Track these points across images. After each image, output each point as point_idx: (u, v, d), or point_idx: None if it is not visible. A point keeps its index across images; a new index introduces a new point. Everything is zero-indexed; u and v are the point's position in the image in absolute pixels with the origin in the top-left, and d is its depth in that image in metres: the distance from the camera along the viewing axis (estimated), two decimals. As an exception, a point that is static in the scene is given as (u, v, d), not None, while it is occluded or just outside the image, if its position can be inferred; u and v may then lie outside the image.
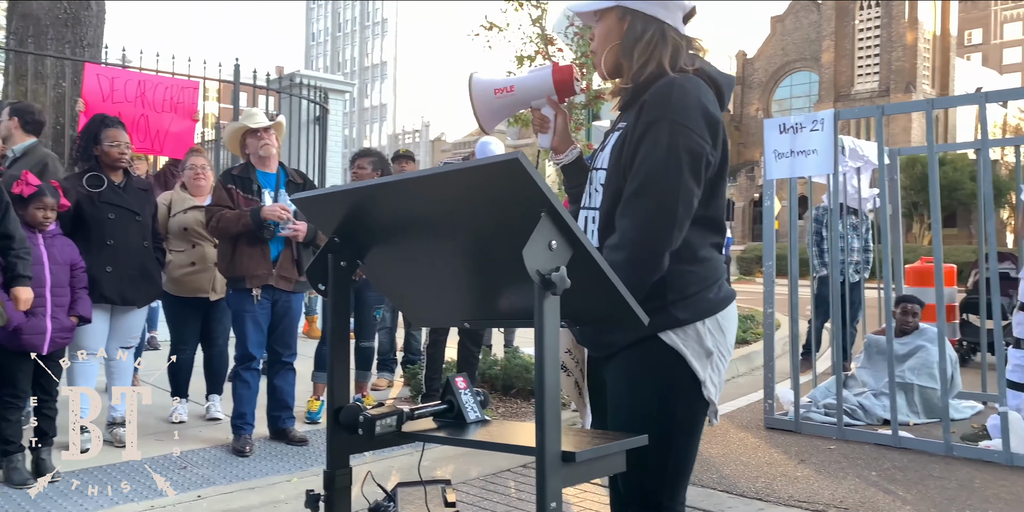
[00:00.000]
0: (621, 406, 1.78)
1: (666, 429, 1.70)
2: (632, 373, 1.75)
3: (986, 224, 4.77)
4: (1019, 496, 3.73)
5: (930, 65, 56.86)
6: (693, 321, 1.71)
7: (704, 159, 1.67)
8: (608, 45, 1.83)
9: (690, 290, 1.72)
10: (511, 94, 1.97)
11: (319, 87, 9.47)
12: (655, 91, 1.70)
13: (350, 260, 1.70)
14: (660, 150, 1.65)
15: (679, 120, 1.65)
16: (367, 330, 5.28)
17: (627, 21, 1.80)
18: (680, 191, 1.64)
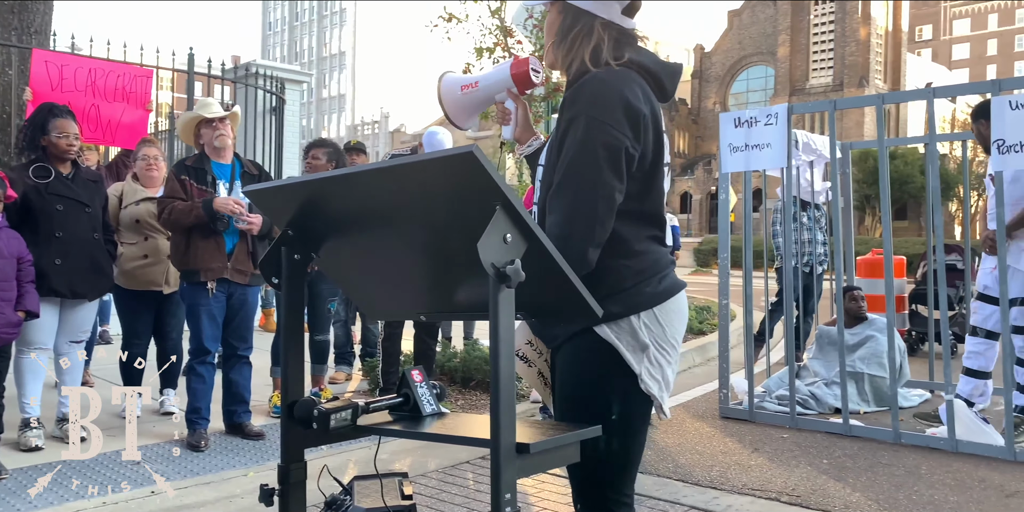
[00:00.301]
0: (563, 398, 1.79)
1: (604, 422, 1.67)
2: (571, 366, 1.77)
3: (933, 217, 4.88)
4: (962, 481, 3.84)
5: (882, 60, 57.99)
6: (627, 315, 1.70)
7: (623, 153, 1.65)
8: (550, 39, 1.84)
9: (625, 284, 1.71)
10: (476, 89, 2.00)
11: (276, 77, 9.35)
12: (575, 88, 1.72)
13: (304, 253, 1.69)
14: (577, 146, 1.65)
15: (595, 115, 1.64)
16: (321, 323, 5.24)
17: (563, 14, 1.80)
18: (598, 187, 1.64)
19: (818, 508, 3.46)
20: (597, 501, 1.80)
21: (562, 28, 1.80)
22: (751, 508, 3.47)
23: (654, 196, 1.75)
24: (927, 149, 4.72)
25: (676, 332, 1.77)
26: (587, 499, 1.81)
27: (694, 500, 3.56)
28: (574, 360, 1.76)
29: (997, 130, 4.19)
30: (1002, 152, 4.17)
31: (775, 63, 60.91)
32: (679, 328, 1.79)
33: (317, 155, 4.99)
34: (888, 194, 4.80)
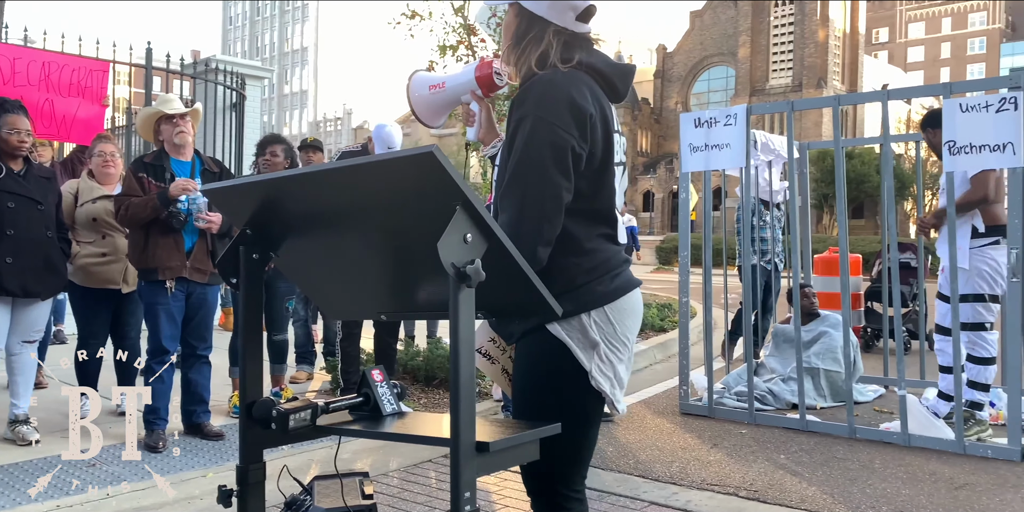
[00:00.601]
0: (517, 393, 1.83)
1: (556, 417, 1.68)
2: (525, 362, 1.80)
3: (887, 216, 4.99)
4: (914, 475, 3.94)
5: (840, 62, 58.97)
6: (578, 313, 1.73)
7: (569, 152, 1.68)
8: (506, 42, 1.87)
9: (576, 282, 1.74)
10: (443, 90, 2.03)
11: (236, 73, 9.23)
12: (522, 90, 1.75)
13: (263, 252, 1.68)
14: (524, 146, 1.68)
15: (541, 115, 1.67)
16: (279, 322, 5.18)
17: (518, 19, 1.83)
18: (545, 185, 1.66)
19: (775, 502, 3.53)
20: (549, 496, 1.83)
21: (517, 32, 1.83)
22: (710, 503, 3.52)
23: (604, 195, 1.78)
24: (882, 149, 4.82)
25: (628, 330, 1.80)
26: (539, 494, 1.84)
27: (654, 496, 3.60)
28: (527, 357, 1.80)
29: (948, 132, 4.29)
30: (953, 153, 4.28)
31: (736, 64, 61.60)
32: (631, 326, 1.81)
33: (276, 152, 4.93)
34: (844, 193, 4.90)
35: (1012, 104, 4.10)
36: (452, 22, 7.01)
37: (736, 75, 61.63)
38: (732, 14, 62.31)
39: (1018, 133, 4.08)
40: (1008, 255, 4.20)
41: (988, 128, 4.16)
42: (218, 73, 9.01)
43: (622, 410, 1.82)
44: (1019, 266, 4.14)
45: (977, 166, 4.37)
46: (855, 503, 3.51)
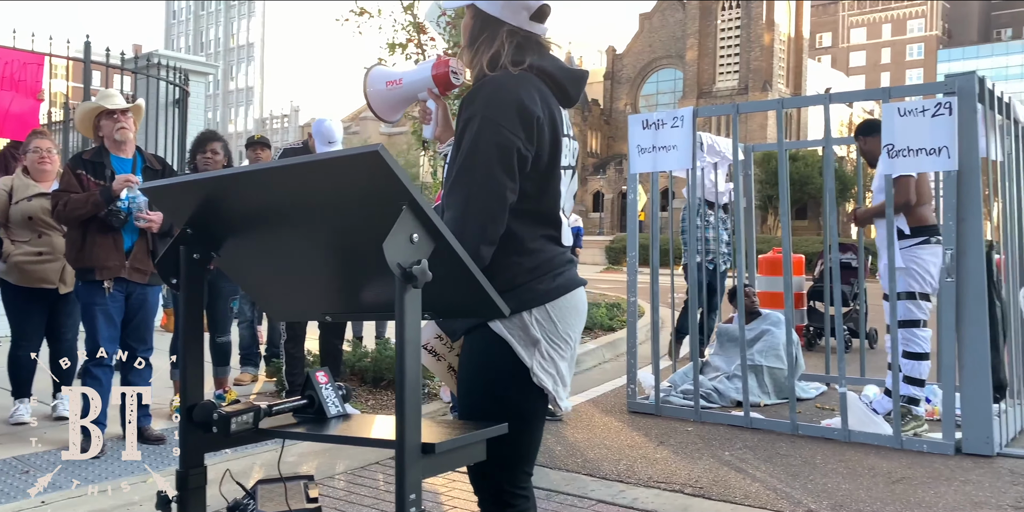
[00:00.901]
0: (462, 391, 1.85)
1: (500, 414, 1.73)
2: (468, 360, 1.83)
3: (829, 217, 5.10)
4: (854, 469, 4.03)
5: (785, 65, 60.19)
6: (519, 311, 1.74)
7: (515, 153, 1.70)
8: (463, 42, 1.89)
9: (518, 280, 1.76)
10: (400, 86, 2.02)
11: (179, 68, 9.02)
12: (472, 90, 1.77)
13: (204, 252, 1.64)
14: (470, 146, 1.70)
15: (488, 115, 1.70)
16: (223, 323, 5.08)
17: (474, 20, 1.85)
18: (489, 185, 1.69)
19: (719, 499, 3.58)
20: (494, 494, 1.84)
21: (472, 32, 1.85)
22: (656, 500, 3.55)
23: (549, 197, 1.80)
24: (824, 152, 4.93)
25: (570, 328, 1.82)
26: (485, 492, 1.86)
27: (601, 494, 3.62)
28: (470, 354, 1.82)
29: (887, 135, 4.41)
30: (891, 156, 4.40)
31: (684, 66, 62.45)
32: (573, 324, 1.84)
33: (216, 149, 4.82)
34: (788, 195, 4.99)
35: (947, 109, 4.23)
36: (401, 20, 6.95)
37: (684, 77, 62.48)
38: (680, 17, 63.15)
39: (953, 137, 4.21)
40: (943, 256, 4.33)
41: (925, 132, 4.29)
42: (160, 68, 8.80)
43: (566, 408, 1.84)
44: (953, 266, 4.27)
45: (913, 169, 4.49)
46: (797, 498, 3.58)
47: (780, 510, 3.44)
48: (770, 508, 3.46)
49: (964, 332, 4.30)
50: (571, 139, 1.90)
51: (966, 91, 4.25)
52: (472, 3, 1.83)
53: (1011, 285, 4.82)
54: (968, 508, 3.46)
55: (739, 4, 59.46)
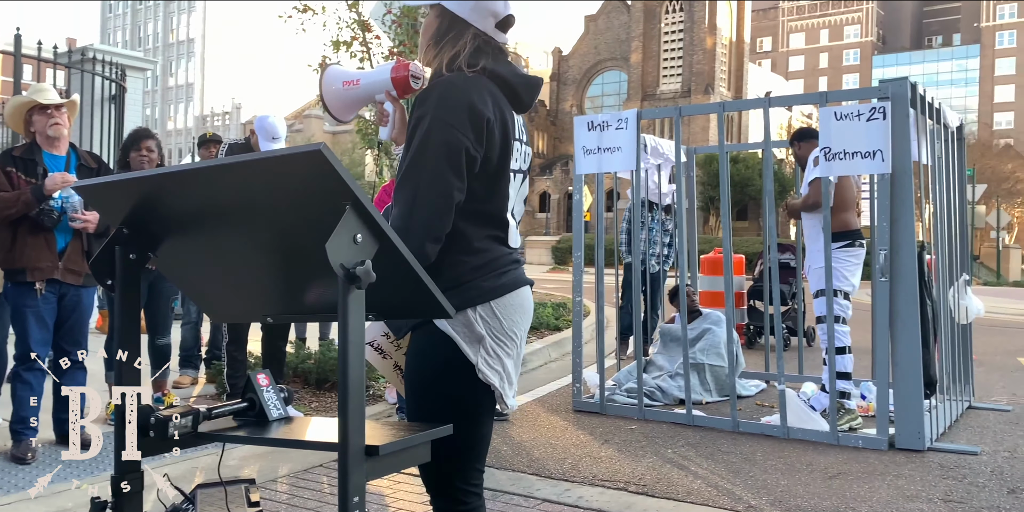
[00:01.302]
0: (409, 389, 1.85)
1: (448, 412, 1.76)
2: (414, 357, 1.84)
3: (768, 218, 5.21)
4: (792, 465, 4.13)
5: (727, 69, 61.24)
6: (463, 308, 1.76)
7: (464, 153, 1.72)
8: (425, 41, 1.90)
9: (463, 278, 1.78)
10: (357, 87, 2.01)
11: (116, 63, 8.78)
12: (425, 90, 1.79)
13: (140, 252, 1.60)
14: (419, 144, 1.72)
15: (439, 115, 1.72)
16: (162, 325, 4.96)
17: (440, 19, 1.86)
18: (437, 182, 1.70)
19: (662, 496, 3.63)
20: (446, 492, 1.84)
21: (437, 32, 1.86)
22: (601, 498, 3.59)
23: (498, 198, 1.82)
24: (763, 154, 5.03)
25: (515, 325, 1.84)
26: (436, 490, 1.85)
27: (547, 493, 3.64)
28: (416, 351, 1.83)
29: (824, 139, 4.52)
30: (828, 159, 4.51)
31: (628, 68, 63.09)
32: (519, 322, 1.86)
33: (150, 147, 4.69)
34: (728, 196, 5.09)
35: (881, 113, 4.35)
36: (346, 18, 6.89)
37: (628, 80, 63.11)
38: (625, 19, 63.79)
39: (887, 141, 4.34)
40: (876, 256, 4.45)
41: (860, 136, 4.41)
42: (96, 63, 8.55)
43: (512, 406, 1.85)
44: (887, 266, 4.40)
45: (849, 171, 4.62)
46: (737, 495, 3.65)
47: (721, 506, 3.50)
48: (711, 505, 3.52)
49: (897, 330, 4.43)
50: (523, 144, 1.93)
51: (899, 96, 4.38)
52: (440, 3, 1.84)
53: (941, 284, 4.99)
54: (901, 502, 3.57)
55: (682, 7, 60.32)
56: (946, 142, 5.26)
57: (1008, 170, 55.32)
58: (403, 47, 6.64)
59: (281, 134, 4.98)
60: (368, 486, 3.70)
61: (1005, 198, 50.15)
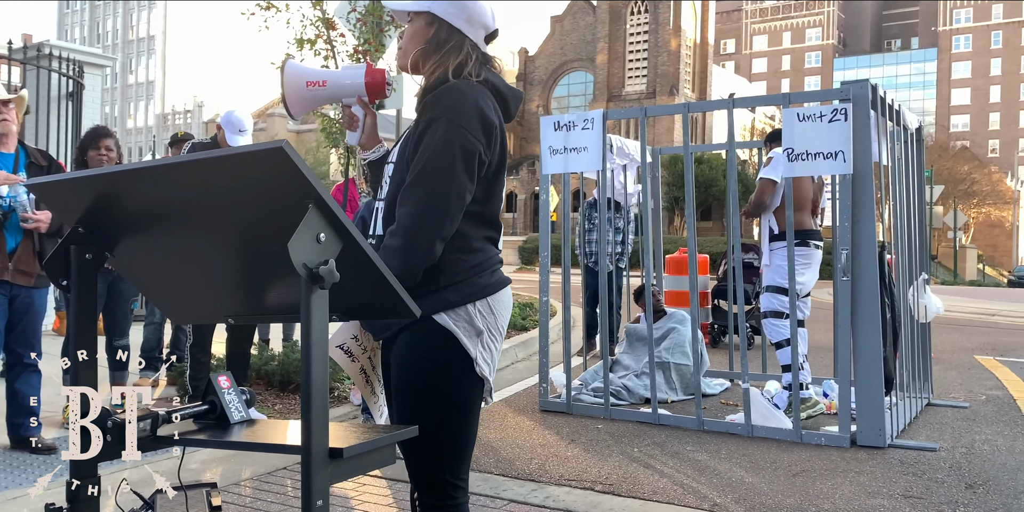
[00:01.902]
0: (400, 387, 1.87)
1: (443, 406, 1.83)
2: (410, 354, 1.86)
3: (732, 218, 5.26)
4: (757, 463, 4.17)
5: (691, 70, 61.74)
6: (464, 303, 1.83)
7: (477, 157, 1.80)
8: (418, 45, 1.95)
9: (460, 276, 1.84)
10: (323, 88, 2.00)
11: (73, 59, 8.60)
12: (436, 93, 1.85)
13: (97, 252, 1.56)
14: (436, 145, 1.78)
15: (455, 119, 1.78)
16: (121, 327, 4.86)
17: (434, 27, 1.93)
18: (452, 184, 1.77)
19: (628, 495, 3.64)
20: (435, 486, 1.88)
21: (435, 39, 1.92)
22: (568, 498, 3.59)
23: (494, 201, 1.92)
24: (727, 155, 5.08)
25: (503, 321, 1.93)
26: (425, 485, 1.89)
27: (514, 493, 3.63)
28: (413, 348, 1.85)
29: (787, 140, 4.57)
30: (791, 160, 4.56)
31: (594, 69, 63.34)
32: (506, 318, 1.95)
33: (109, 145, 4.59)
34: (693, 196, 5.12)
35: (843, 115, 4.41)
36: (310, 15, 6.81)
37: (594, 81, 63.36)
38: (591, 21, 64.02)
39: (848, 142, 4.40)
40: (838, 256, 4.51)
41: (823, 137, 4.46)
42: (52, 59, 8.37)
43: (490, 401, 1.93)
44: (848, 265, 4.46)
45: (811, 172, 4.68)
46: (703, 493, 3.67)
47: (687, 505, 3.52)
48: (677, 503, 3.54)
49: (858, 329, 4.49)
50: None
51: (860, 98, 4.44)
52: (432, 12, 1.91)
53: (901, 284, 5.07)
54: (863, 498, 3.61)
55: (647, 9, 60.72)
56: (905, 144, 5.35)
57: (964, 171, 56.60)
58: (368, 45, 6.59)
59: (248, 127, 4.92)
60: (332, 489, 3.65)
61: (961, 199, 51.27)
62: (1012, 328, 12.26)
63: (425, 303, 1.75)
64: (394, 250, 1.74)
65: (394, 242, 1.76)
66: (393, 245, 1.76)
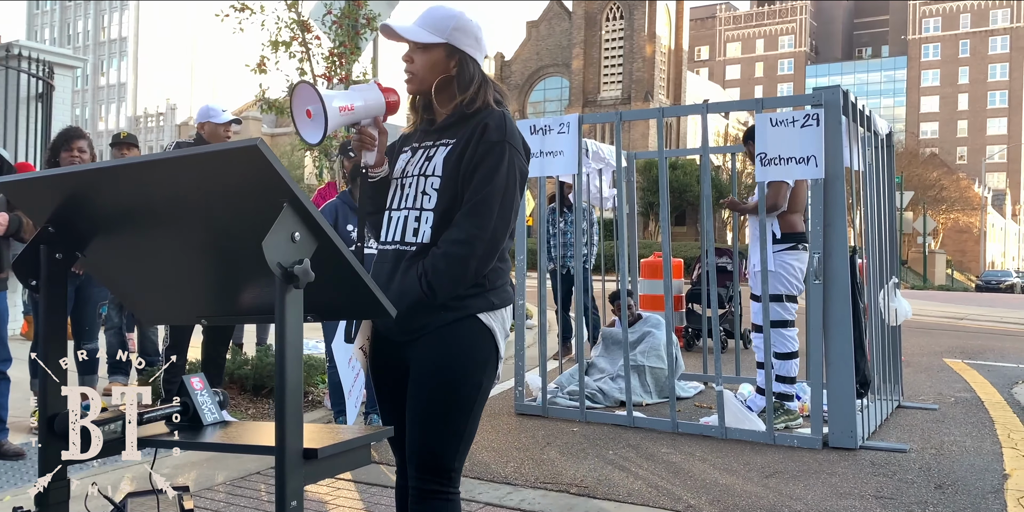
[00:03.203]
0: (435, 380, 2.00)
1: (473, 397, 2.01)
2: (451, 348, 2.00)
3: (706, 223, 5.30)
4: (730, 465, 4.19)
5: (666, 77, 62.16)
6: (501, 306, 2.06)
7: (527, 179, 2.08)
8: (436, 75, 2.08)
9: (499, 282, 2.07)
10: (352, 112, 2.03)
11: (43, 60, 8.49)
12: (495, 119, 2.03)
13: (67, 252, 1.54)
14: (503, 167, 1.99)
15: (513, 145, 2.01)
16: (90, 331, 4.79)
17: (455, 60, 2.08)
18: (514, 202, 2.01)
19: (604, 497, 3.64)
20: (444, 473, 2.00)
21: (465, 73, 2.07)
22: (542, 501, 3.59)
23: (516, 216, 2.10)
24: (701, 160, 5.11)
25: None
26: (434, 472, 2.00)
27: (489, 497, 3.63)
28: (459, 345, 2.01)
29: (760, 144, 4.62)
30: (764, 164, 4.61)
31: (570, 75, 63.56)
32: None
33: (82, 147, 4.51)
34: (667, 201, 5.15)
35: (814, 120, 4.47)
36: (285, 17, 6.78)
37: (570, 86, 63.58)
38: (566, 26, 64.26)
39: (820, 147, 4.45)
40: (810, 259, 4.56)
41: (795, 142, 4.51)
42: (21, 60, 8.26)
43: None
44: (820, 269, 4.51)
45: (784, 176, 4.72)
46: (677, 495, 3.69)
47: (661, 506, 3.53)
48: (652, 505, 3.55)
49: (830, 331, 4.54)
50: None
51: (832, 103, 4.50)
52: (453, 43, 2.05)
53: (872, 287, 5.13)
54: (834, 499, 3.65)
55: (622, 15, 61.06)
56: (876, 149, 5.42)
57: (933, 178, 57.51)
58: (344, 48, 6.57)
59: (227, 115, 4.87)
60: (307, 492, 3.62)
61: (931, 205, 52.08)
62: (980, 331, 12.46)
63: (472, 303, 1.99)
64: (464, 258, 1.93)
65: (462, 251, 1.94)
66: (462, 253, 1.93)
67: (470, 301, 1.99)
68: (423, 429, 1.98)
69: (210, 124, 4.74)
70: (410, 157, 2.14)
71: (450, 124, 2.08)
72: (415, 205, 2.05)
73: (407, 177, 2.10)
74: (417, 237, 2.03)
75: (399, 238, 2.06)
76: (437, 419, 1.97)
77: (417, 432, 1.99)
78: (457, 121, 2.07)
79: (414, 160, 2.12)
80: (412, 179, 2.08)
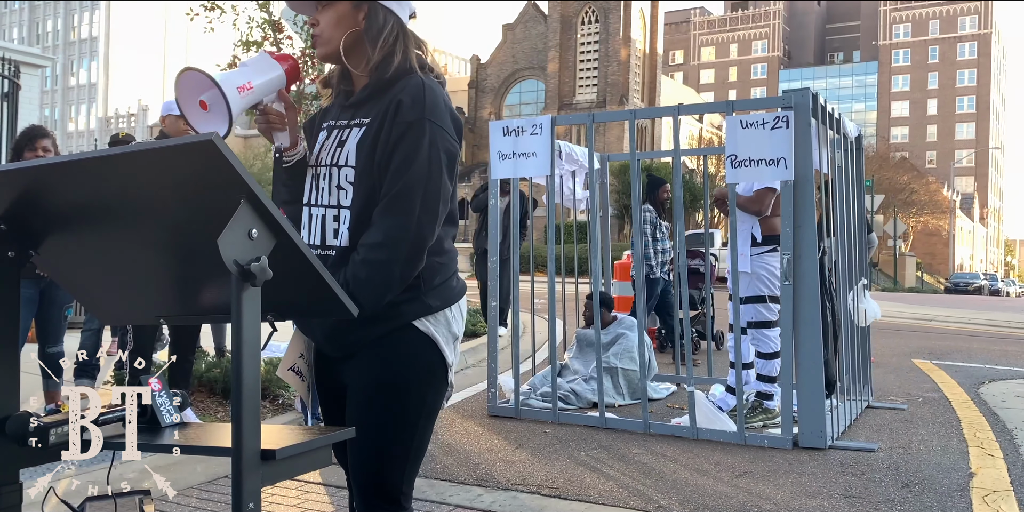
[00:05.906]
0: (376, 395, 1.77)
1: (419, 413, 1.78)
2: (387, 363, 1.77)
3: (675, 224, 5.31)
4: (701, 466, 4.21)
5: (641, 81, 62.50)
6: (443, 308, 1.80)
7: (457, 159, 1.77)
8: (345, 30, 1.79)
9: (438, 279, 1.80)
10: (251, 91, 1.77)
11: (9, 59, 8.36)
12: (410, 92, 1.73)
13: (20, 250, 1.50)
14: (423, 151, 1.70)
15: (436, 122, 1.72)
16: (55, 333, 4.71)
17: (364, 10, 1.78)
18: (441, 190, 1.72)
19: (574, 498, 3.64)
20: (389, 494, 1.79)
21: (373, 23, 1.77)
22: (513, 503, 3.57)
23: (455, 198, 1.85)
24: (673, 162, 5.13)
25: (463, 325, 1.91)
26: (376, 494, 1.78)
27: (459, 499, 3.61)
28: (395, 356, 1.76)
29: (731, 146, 4.64)
30: (734, 166, 4.63)
31: (546, 78, 63.71)
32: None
33: (47, 146, 4.43)
34: (640, 203, 5.16)
35: (785, 122, 4.50)
36: (256, 17, 6.74)
37: (546, 89, 63.72)
38: (542, 30, 64.41)
39: (790, 149, 4.49)
40: (780, 260, 4.59)
41: (765, 144, 4.54)
42: (-13, 58, 8.12)
43: (445, 405, 1.90)
44: (790, 270, 4.54)
45: (754, 178, 4.75)
46: (648, 495, 3.69)
47: (632, 507, 3.53)
48: (623, 505, 3.55)
49: (799, 332, 4.57)
50: None
51: (801, 106, 4.54)
52: None
53: (840, 288, 5.18)
54: (804, 498, 3.67)
55: (598, 18, 61.32)
56: (845, 152, 5.48)
57: (904, 181, 58.27)
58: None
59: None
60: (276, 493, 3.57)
61: (901, 208, 52.78)
62: (948, 333, 12.63)
63: (407, 309, 1.73)
64: (386, 263, 1.66)
65: (382, 255, 1.67)
66: (382, 258, 1.67)
67: (404, 307, 1.72)
68: (365, 454, 1.76)
69: (171, 117, 4.67)
70: (325, 139, 1.87)
71: (364, 98, 1.80)
72: (331, 202, 1.80)
73: (320, 166, 1.84)
74: (337, 240, 1.77)
75: (319, 241, 1.80)
76: (380, 441, 1.74)
77: (359, 456, 1.77)
78: (372, 94, 1.78)
79: (328, 145, 1.84)
80: (326, 169, 1.82)
